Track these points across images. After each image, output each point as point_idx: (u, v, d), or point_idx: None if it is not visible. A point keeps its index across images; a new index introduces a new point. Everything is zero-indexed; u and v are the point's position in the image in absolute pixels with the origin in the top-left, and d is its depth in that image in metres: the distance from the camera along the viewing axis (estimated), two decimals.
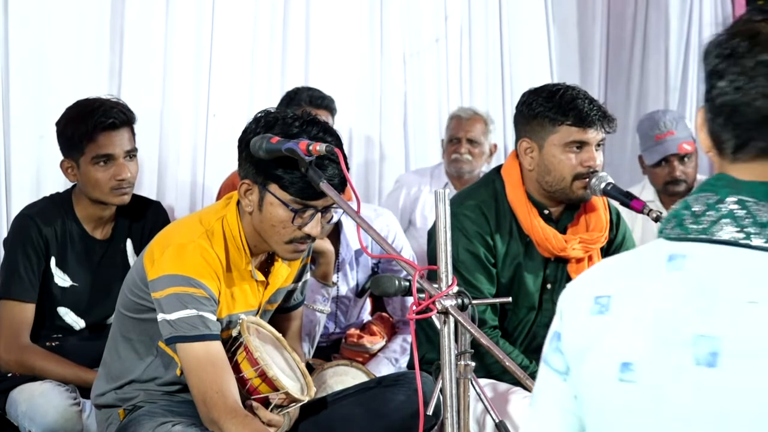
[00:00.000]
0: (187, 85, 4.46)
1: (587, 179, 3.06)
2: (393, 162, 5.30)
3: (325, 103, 4.38)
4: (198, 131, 4.49)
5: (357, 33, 5.15)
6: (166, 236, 2.73)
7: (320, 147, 2.39)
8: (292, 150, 2.43)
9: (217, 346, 2.60)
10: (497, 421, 2.66)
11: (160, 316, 2.61)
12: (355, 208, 2.33)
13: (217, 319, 2.64)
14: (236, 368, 2.64)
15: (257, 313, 2.77)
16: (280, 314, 2.95)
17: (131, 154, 3.29)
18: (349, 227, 3.57)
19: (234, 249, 2.68)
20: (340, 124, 4.69)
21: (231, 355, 2.67)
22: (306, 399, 2.69)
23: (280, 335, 2.81)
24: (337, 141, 2.61)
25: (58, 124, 3.32)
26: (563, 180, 3.07)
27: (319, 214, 2.61)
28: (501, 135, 5.56)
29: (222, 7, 4.57)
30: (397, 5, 5.29)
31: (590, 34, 6.09)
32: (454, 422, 2.10)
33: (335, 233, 3.54)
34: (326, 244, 3.42)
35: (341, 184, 2.58)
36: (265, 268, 2.79)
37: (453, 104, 5.39)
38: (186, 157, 4.46)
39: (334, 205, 2.60)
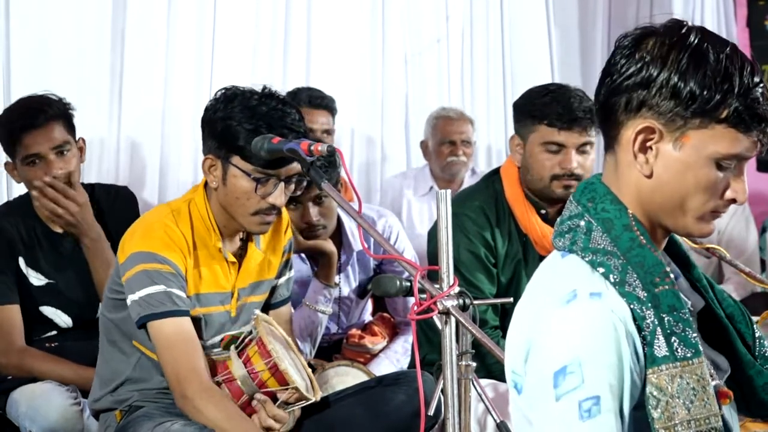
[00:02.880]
0: (189, 85, 4.46)
1: (567, 180, 3.06)
2: (394, 162, 5.29)
3: (325, 103, 4.38)
4: (199, 131, 4.48)
5: (358, 33, 5.15)
6: (136, 222, 2.78)
7: (321, 147, 2.40)
8: (293, 150, 2.43)
9: (187, 323, 2.62)
10: (498, 421, 2.66)
11: (129, 299, 2.63)
12: (357, 209, 2.33)
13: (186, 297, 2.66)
14: (247, 362, 2.64)
15: (232, 297, 2.76)
16: (272, 311, 2.94)
17: (62, 149, 3.24)
18: (350, 228, 3.56)
19: (202, 228, 2.70)
20: (341, 124, 4.69)
21: (241, 349, 2.68)
22: (312, 399, 2.70)
23: (289, 339, 2.81)
24: (296, 115, 2.65)
25: None
26: (541, 180, 3.09)
27: (283, 184, 2.65)
28: (503, 135, 5.57)
29: (223, 8, 4.57)
30: (399, 6, 5.29)
31: (592, 35, 6.09)
32: (456, 423, 2.10)
33: (337, 234, 3.54)
34: (329, 245, 3.42)
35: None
36: (240, 253, 2.80)
37: (454, 105, 5.38)
38: (187, 157, 4.46)
39: (296, 177, 2.65)
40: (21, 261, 3.24)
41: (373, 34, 5.21)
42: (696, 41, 1.53)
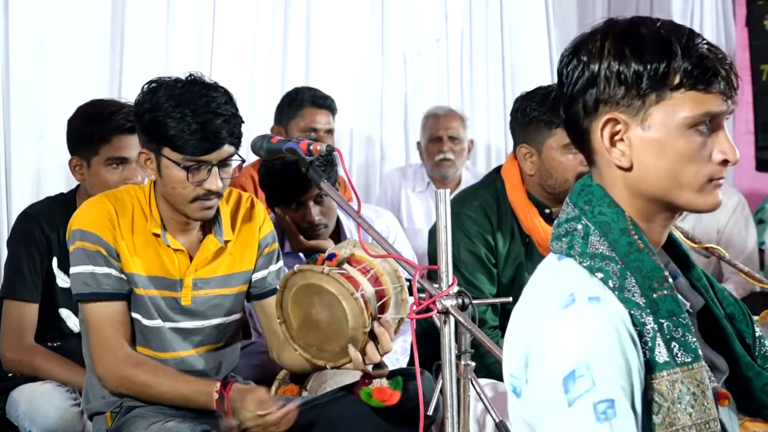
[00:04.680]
0: None
1: None
2: (393, 162, 5.30)
3: (328, 103, 4.39)
4: None
5: (357, 33, 5.15)
6: None
7: (320, 147, 2.40)
8: (292, 150, 2.43)
9: (111, 307, 2.68)
10: (497, 420, 2.66)
11: (69, 274, 2.71)
12: (356, 208, 2.33)
13: (123, 272, 2.69)
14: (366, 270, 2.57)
15: (182, 286, 2.76)
16: (256, 302, 2.93)
17: None
18: (349, 228, 3.56)
19: (141, 213, 2.74)
20: (340, 124, 4.69)
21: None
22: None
23: None
24: (223, 98, 2.65)
25: (72, 121, 3.30)
26: (566, 182, 3.07)
27: (216, 169, 2.66)
28: (502, 135, 5.57)
29: (223, 7, 4.58)
30: (398, 5, 5.30)
31: None
32: (455, 422, 2.10)
33: (336, 234, 3.54)
34: (329, 245, 3.42)
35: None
36: (197, 245, 2.81)
37: (453, 104, 5.39)
38: None
39: (234, 158, 2.66)
40: (54, 261, 3.26)
41: (373, 34, 5.22)
42: (626, 26, 1.55)
